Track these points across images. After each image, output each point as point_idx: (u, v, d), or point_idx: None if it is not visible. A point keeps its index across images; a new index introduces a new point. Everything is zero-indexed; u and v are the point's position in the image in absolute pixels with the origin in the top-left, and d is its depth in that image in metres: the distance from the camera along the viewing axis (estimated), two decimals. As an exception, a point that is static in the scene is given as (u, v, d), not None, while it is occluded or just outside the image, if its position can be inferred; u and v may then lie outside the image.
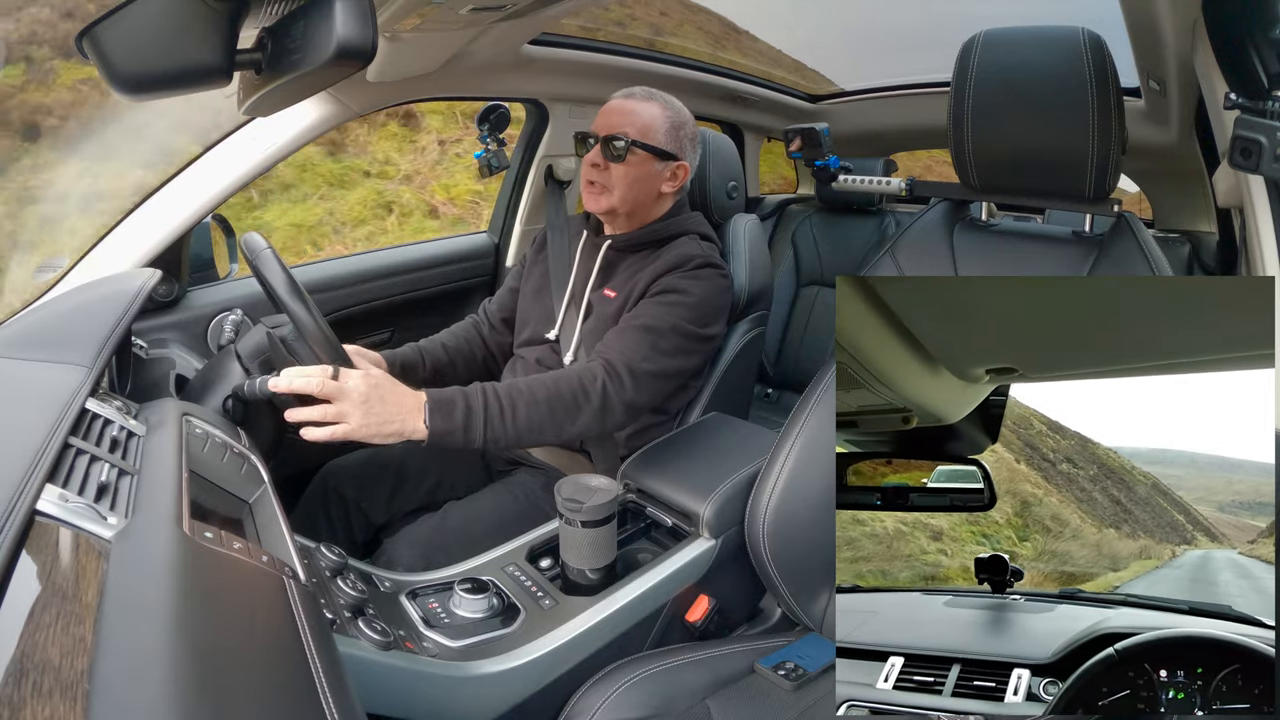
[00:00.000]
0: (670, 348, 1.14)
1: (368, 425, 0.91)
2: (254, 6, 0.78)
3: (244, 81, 0.92)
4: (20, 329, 0.82)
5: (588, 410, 1.06)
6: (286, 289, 0.93)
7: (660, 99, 1.25)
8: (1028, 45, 0.91)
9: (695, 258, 1.20)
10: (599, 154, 1.20)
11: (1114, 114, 0.87)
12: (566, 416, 1.05)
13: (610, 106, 1.24)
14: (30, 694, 0.36)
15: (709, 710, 0.90)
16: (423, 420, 0.95)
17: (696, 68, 2.07)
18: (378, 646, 0.75)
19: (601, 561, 0.96)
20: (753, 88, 2.26)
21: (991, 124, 0.94)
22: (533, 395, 1.03)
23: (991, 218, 1.13)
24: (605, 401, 1.08)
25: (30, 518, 0.49)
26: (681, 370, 1.18)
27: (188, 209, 1.28)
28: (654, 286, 1.18)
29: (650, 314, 1.15)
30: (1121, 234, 0.95)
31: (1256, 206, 0.84)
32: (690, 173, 1.28)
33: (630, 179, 1.21)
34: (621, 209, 1.23)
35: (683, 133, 1.24)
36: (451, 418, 0.97)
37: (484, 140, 1.69)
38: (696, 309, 1.17)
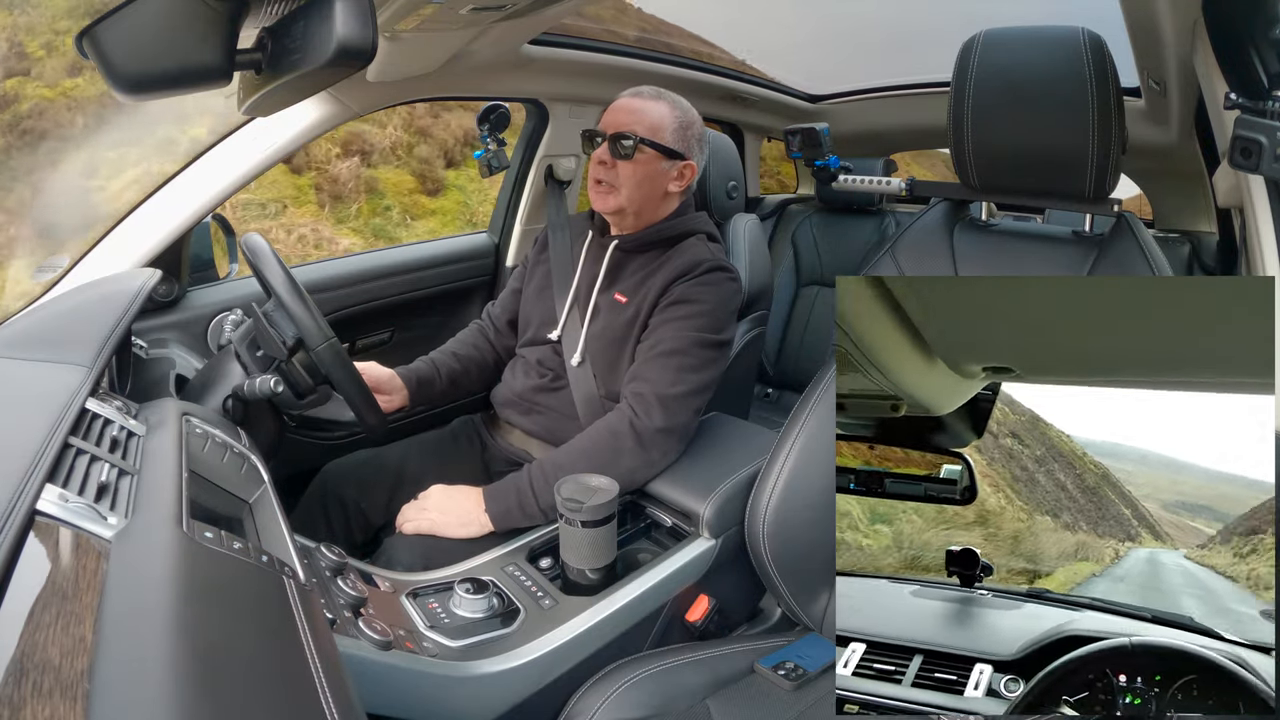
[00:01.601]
0: (695, 363, 1.15)
1: (448, 529, 1.09)
2: (254, 6, 0.77)
3: (244, 81, 0.92)
4: (20, 329, 0.82)
5: (627, 448, 1.10)
6: (287, 289, 0.93)
7: (669, 98, 1.25)
8: (1028, 45, 0.91)
9: (704, 262, 1.20)
10: (606, 152, 1.20)
11: (1114, 114, 0.87)
12: (610, 460, 1.09)
13: (618, 105, 1.23)
14: (30, 694, 0.36)
15: (709, 710, 0.90)
16: (484, 511, 1.09)
17: (696, 68, 2.07)
18: (378, 646, 0.75)
19: (601, 561, 0.96)
20: (753, 88, 2.26)
21: (991, 124, 0.94)
22: (570, 455, 1.11)
23: (991, 218, 1.13)
24: (639, 436, 1.10)
25: (30, 518, 0.49)
26: (709, 382, 1.19)
27: (188, 209, 1.28)
28: (665, 297, 1.18)
29: (669, 337, 1.16)
30: (1121, 234, 0.95)
31: (1256, 206, 0.84)
32: (697, 173, 1.27)
33: (638, 178, 1.20)
34: (629, 208, 1.23)
35: (690, 132, 1.24)
36: (506, 503, 1.10)
37: (484, 140, 1.69)
38: (711, 316, 1.17)
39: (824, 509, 1.04)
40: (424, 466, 1.31)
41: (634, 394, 1.13)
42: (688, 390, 1.14)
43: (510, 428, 1.34)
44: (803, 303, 2.35)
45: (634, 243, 1.26)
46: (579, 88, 1.77)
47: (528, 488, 1.09)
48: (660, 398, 1.12)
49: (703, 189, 1.42)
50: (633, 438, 1.10)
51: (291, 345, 0.94)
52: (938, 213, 1.10)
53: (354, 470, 1.28)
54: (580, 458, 1.10)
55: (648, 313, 1.19)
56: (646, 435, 1.10)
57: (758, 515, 1.03)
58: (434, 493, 1.13)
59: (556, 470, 1.07)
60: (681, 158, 1.23)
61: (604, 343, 1.22)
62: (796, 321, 2.35)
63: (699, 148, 1.26)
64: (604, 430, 1.12)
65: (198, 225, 1.33)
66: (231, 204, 1.87)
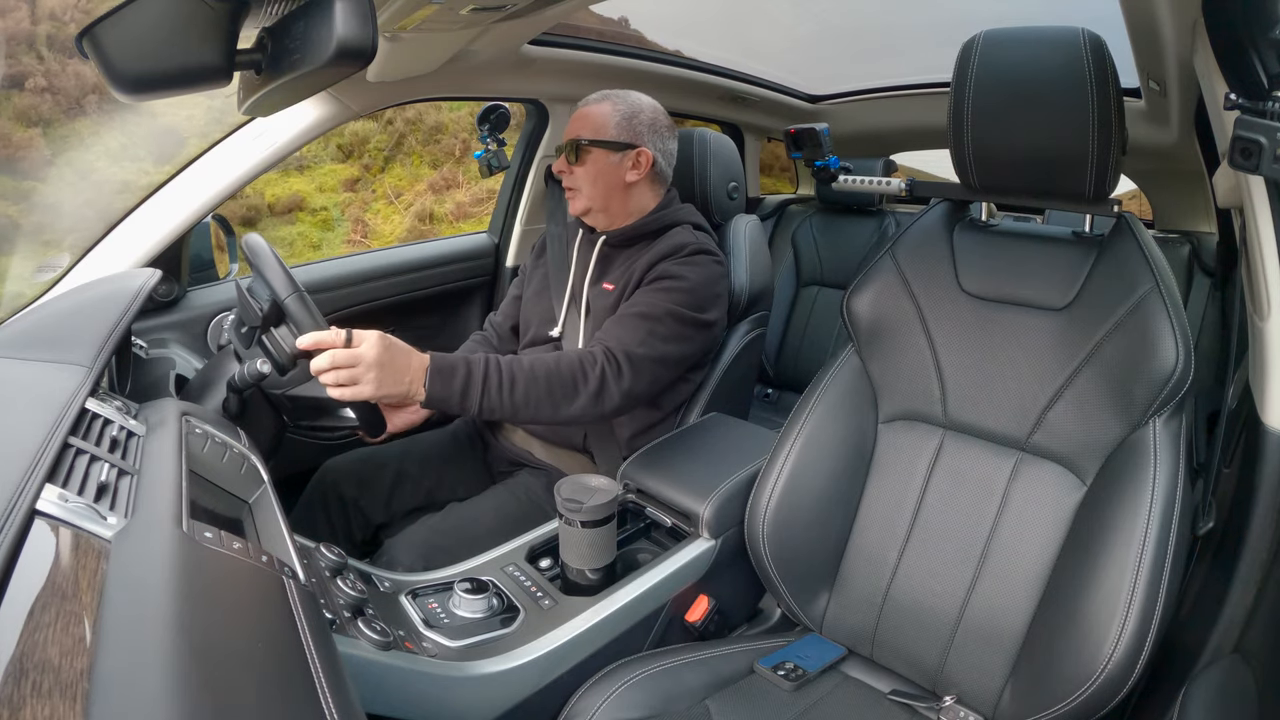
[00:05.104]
0: (667, 333, 1.14)
1: (381, 386, 0.94)
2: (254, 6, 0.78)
3: (244, 81, 0.91)
4: (20, 329, 0.82)
5: (585, 393, 1.07)
6: (287, 289, 0.93)
7: (613, 96, 1.28)
8: (1028, 45, 0.91)
9: (688, 245, 1.21)
10: (563, 161, 1.26)
11: (1114, 114, 0.87)
12: (564, 397, 1.06)
13: (572, 117, 1.29)
14: (30, 694, 0.36)
15: (709, 710, 0.90)
16: (423, 384, 0.98)
17: (697, 68, 2.07)
18: (377, 646, 0.75)
19: (601, 561, 0.96)
20: (752, 88, 2.26)
21: (991, 124, 0.94)
22: (533, 372, 1.05)
23: (991, 218, 1.13)
24: (603, 386, 1.08)
25: (30, 517, 0.49)
26: (680, 357, 1.18)
27: (188, 209, 1.28)
28: (649, 275, 1.19)
29: (646, 301, 1.16)
30: (1121, 234, 0.95)
31: (1256, 206, 0.84)
32: (661, 157, 1.28)
33: (592, 176, 1.24)
34: (594, 205, 1.26)
35: (636, 122, 1.26)
36: (450, 384, 0.99)
37: (484, 140, 1.69)
38: (692, 294, 1.17)
39: (824, 509, 1.04)
40: (424, 466, 1.31)
41: (604, 348, 1.11)
42: (651, 355, 1.12)
43: (512, 428, 1.35)
44: (803, 303, 2.35)
45: (620, 237, 1.27)
46: (579, 88, 1.76)
47: (479, 381, 1.01)
48: (628, 355, 1.10)
49: (703, 189, 1.42)
50: (597, 384, 1.08)
51: (267, 311, 0.93)
52: (937, 213, 1.10)
53: (352, 468, 1.28)
54: (539, 383, 1.04)
55: (631, 291, 1.21)
56: (608, 389, 1.09)
57: (757, 515, 1.03)
58: (369, 344, 0.93)
59: (511, 380, 1.02)
60: (630, 147, 1.25)
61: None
62: (796, 321, 2.35)
63: (652, 133, 1.27)
64: (574, 365, 1.08)
65: (198, 225, 1.33)
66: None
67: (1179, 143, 1.71)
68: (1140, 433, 0.86)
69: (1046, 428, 0.93)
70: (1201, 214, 1.97)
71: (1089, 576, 0.83)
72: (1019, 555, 0.92)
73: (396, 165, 7.22)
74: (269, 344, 0.94)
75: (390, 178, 7.16)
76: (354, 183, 7.14)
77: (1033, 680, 0.86)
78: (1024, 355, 0.96)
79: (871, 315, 1.07)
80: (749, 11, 3.29)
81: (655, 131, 1.28)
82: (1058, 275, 0.97)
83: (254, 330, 0.95)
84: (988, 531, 0.95)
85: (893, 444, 1.05)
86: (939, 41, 1.49)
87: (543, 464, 1.30)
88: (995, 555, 0.94)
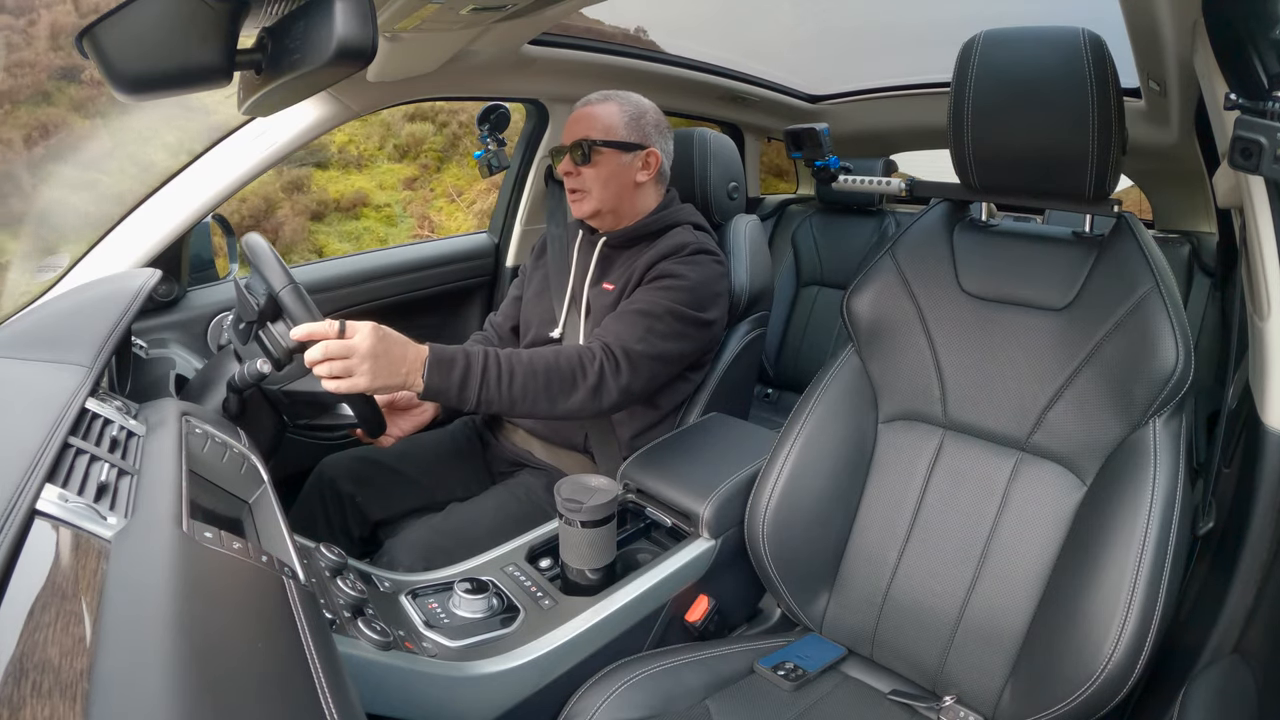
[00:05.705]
0: (666, 331, 1.14)
1: (377, 377, 0.92)
2: (254, 6, 0.77)
3: (244, 81, 0.91)
4: (20, 329, 0.82)
5: (583, 388, 1.07)
6: (287, 289, 0.93)
7: (616, 97, 1.27)
8: (1028, 45, 0.91)
9: (689, 244, 1.21)
10: (569, 163, 1.24)
11: (1114, 114, 0.87)
12: (561, 391, 1.05)
13: (573, 117, 1.28)
14: (30, 694, 0.36)
15: (709, 710, 0.90)
16: (421, 375, 0.97)
17: (697, 68, 2.07)
18: (377, 646, 0.75)
19: (601, 561, 0.96)
20: (752, 88, 2.26)
21: (991, 124, 0.94)
22: (531, 366, 1.04)
23: (991, 218, 1.13)
24: (601, 381, 1.08)
25: (30, 517, 0.49)
26: (679, 355, 1.18)
27: (188, 209, 1.28)
28: (650, 273, 1.19)
29: (646, 299, 1.16)
30: (1121, 234, 0.95)
31: (1256, 207, 0.84)
32: (665, 158, 1.28)
33: (603, 177, 1.23)
34: (604, 207, 1.25)
35: (644, 121, 1.26)
36: (449, 376, 0.98)
37: (484, 140, 1.69)
38: (692, 292, 1.17)
39: (824, 509, 1.04)
40: (424, 465, 1.31)
41: (604, 344, 1.11)
42: (650, 353, 1.12)
43: (513, 428, 1.35)
44: (803, 303, 2.35)
45: (621, 238, 1.27)
46: (579, 88, 1.76)
47: (478, 373, 1.00)
48: (627, 352, 1.10)
49: (703, 189, 1.42)
50: (595, 379, 1.07)
51: (263, 305, 0.93)
52: (937, 213, 1.10)
53: (350, 465, 1.28)
54: (537, 377, 1.03)
55: (631, 290, 1.21)
56: (607, 385, 1.08)
57: (757, 515, 1.03)
58: (363, 335, 0.92)
59: (510, 372, 1.02)
60: (640, 147, 1.25)
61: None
62: (796, 322, 2.35)
63: (658, 134, 1.28)
64: (574, 360, 1.07)
65: (198, 225, 1.33)
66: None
67: (1179, 143, 1.71)
68: (1140, 433, 0.86)
69: (1046, 428, 0.93)
70: (1201, 214, 1.97)
71: (1089, 576, 0.83)
72: (1019, 555, 0.92)
73: (453, 165, 7.28)
74: (265, 339, 0.94)
75: (448, 177, 7.22)
76: (412, 181, 7.21)
77: (1033, 680, 0.86)
78: (1024, 355, 0.96)
79: (871, 315, 1.07)
80: (749, 11, 3.28)
81: (660, 131, 1.28)
82: (1058, 275, 0.96)
83: (251, 325, 0.95)
84: (988, 531, 0.95)
85: (893, 444, 1.05)
86: (939, 41, 1.49)
87: (543, 464, 1.30)
88: (995, 555, 0.94)
